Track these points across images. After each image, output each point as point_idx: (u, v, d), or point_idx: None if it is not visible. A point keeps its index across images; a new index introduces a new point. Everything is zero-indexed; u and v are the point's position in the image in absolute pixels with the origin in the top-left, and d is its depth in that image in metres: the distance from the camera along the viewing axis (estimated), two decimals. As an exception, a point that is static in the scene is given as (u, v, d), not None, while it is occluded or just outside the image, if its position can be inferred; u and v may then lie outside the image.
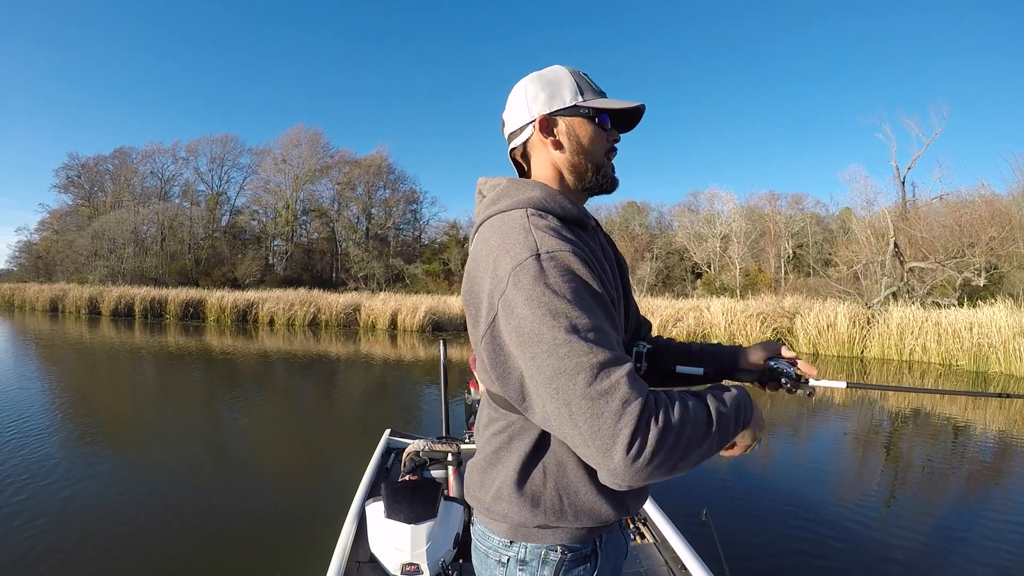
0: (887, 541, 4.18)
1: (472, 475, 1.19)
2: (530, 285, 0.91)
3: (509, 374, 0.96)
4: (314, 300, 25.47)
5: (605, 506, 1.06)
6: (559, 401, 0.86)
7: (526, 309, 0.90)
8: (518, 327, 0.91)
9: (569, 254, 0.96)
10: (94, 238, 41.66)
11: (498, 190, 1.13)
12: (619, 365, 0.86)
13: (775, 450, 6.92)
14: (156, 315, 26.52)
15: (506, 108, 1.22)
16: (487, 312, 0.98)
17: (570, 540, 1.08)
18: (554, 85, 1.15)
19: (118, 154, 49.17)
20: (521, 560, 1.09)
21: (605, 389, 0.83)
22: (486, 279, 0.99)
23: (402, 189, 50.01)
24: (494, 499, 1.10)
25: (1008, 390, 10.79)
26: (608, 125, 1.16)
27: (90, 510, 4.45)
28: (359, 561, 2.68)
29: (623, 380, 0.84)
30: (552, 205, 1.07)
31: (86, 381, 11.20)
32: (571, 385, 0.85)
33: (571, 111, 1.13)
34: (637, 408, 0.82)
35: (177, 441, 6.71)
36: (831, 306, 16.96)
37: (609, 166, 1.18)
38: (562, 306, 0.89)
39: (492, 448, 1.12)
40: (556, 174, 1.17)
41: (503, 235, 1.01)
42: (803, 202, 42.97)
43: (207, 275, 41.62)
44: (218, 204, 49.08)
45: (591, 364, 0.85)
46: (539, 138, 1.16)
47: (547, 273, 0.92)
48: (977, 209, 22.99)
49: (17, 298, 32.06)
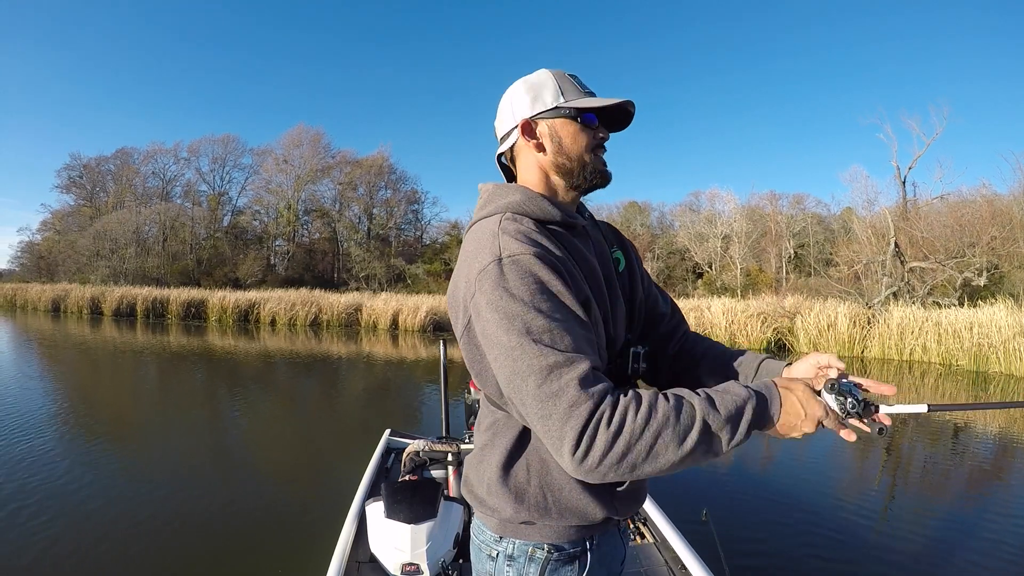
0: (887, 540, 4.19)
1: (468, 469, 1.21)
2: (491, 289, 0.94)
3: (485, 371, 1.03)
4: (315, 300, 25.52)
5: (591, 504, 1.07)
6: (518, 401, 0.91)
7: (487, 312, 0.94)
8: (483, 329, 0.96)
9: (530, 257, 0.97)
10: (96, 238, 41.74)
11: (485, 196, 1.16)
12: (570, 366, 0.87)
13: (775, 450, 6.92)
14: (158, 315, 26.57)
15: (496, 116, 1.24)
16: (463, 314, 1.02)
17: (557, 539, 1.09)
18: (536, 89, 1.16)
19: (120, 154, 49.33)
20: (509, 555, 1.10)
21: (554, 391, 0.86)
22: (462, 284, 1.03)
23: (403, 189, 50.14)
24: (486, 493, 1.12)
25: (1008, 389, 10.86)
26: (595, 123, 1.16)
27: (90, 509, 4.45)
28: (359, 561, 2.68)
29: (572, 382, 0.86)
30: (531, 208, 1.08)
31: (88, 381, 11.22)
32: (524, 386, 0.89)
33: (552, 113, 1.14)
34: (585, 411, 0.84)
35: (177, 441, 6.73)
36: (831, 306, 16.99)
37: (598, 161, 1.18)
38: (516, 308, 0.91)
39: (481, 443, 1.16)
40: (543, 175, 1.18)
41: (477, 241, 1.04)
42: (804, 202, 43.02)
43: (209, 275, 41.68)
44: (220, 204, 49.16)
45: (540, 367, 0.87)
46: (523, 142, 1.17)
47: (506, 277, 0.94)
48: (978, 209, 22.95)
49: (20, 298, 32.17)
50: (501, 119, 1.22)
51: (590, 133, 1.16)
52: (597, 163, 1.18)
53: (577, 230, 1.15)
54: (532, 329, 0.90)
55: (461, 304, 1.03)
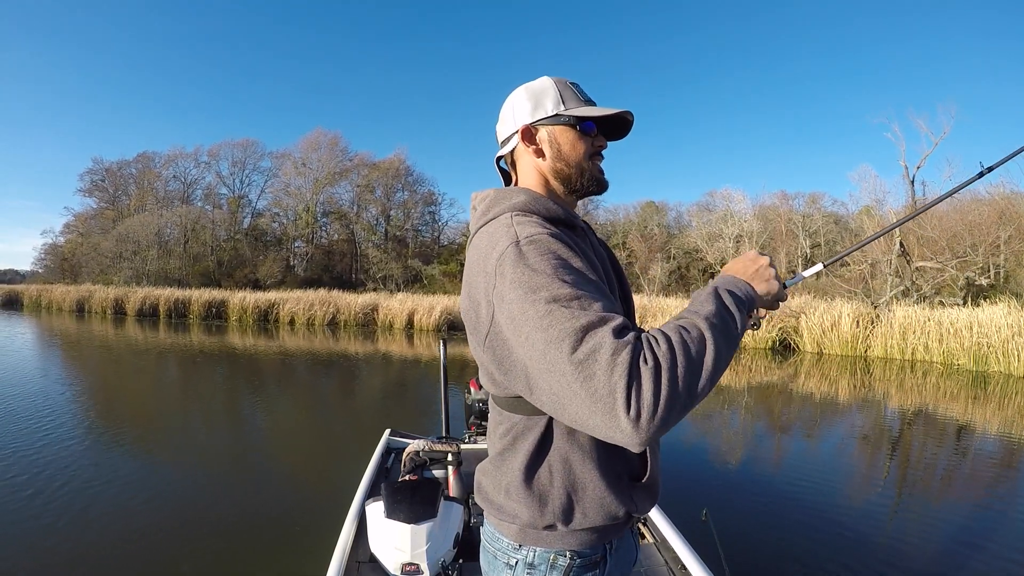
0: (888, 540, 4.14)
1: (482, 477, 1.20)
2: (511, 270, 0.93)
3: (513, 366, 0.95)
4: (333, 300, 25.84)
5: (614, 502, 1.07)
6: (555, 374, 0.84)
7: (511, 293, 0.92)
8: (509, 313, 0.92)
9: (548, 236, 0.98)
10: (119, 240, 42.50)
11: (487, 202, 1.16)
12: (603, 324, 0.84)
13: (775, 449, 6.89)
14: (180, 315, 27.05)
15: (498, 120, 1.27)
16: (486, 310, 0.99)
17: (580, 545, 1.08)
18: (538, 96, 1.18)
19: (141, 158, 50.22)
20: (530, 564, 1.09)
21: (592, 349, 0.81)
22: (480, 281, 1.01)
23: (420, 191, 50.31)
24: (504, 499, 1.11)
25: (1008, 389, 10.82)
26: (593, 131, 1.18)
27: (90, 508, 4.47)
28: (359, 561, 2.68)
29: (607, 335, 0.82)
30: (536, 207, 1.09)
31: (111, 378, 11.43)
32: (559, 354, 0.83)
33: (552, 120, 1.17)
34: (627, 356, 0.79)
35: (178, 441, 6.77)
36: (836, 306, 16.98)
37: (595, 169, 1.21)
38: (541, 281, 0.90)
39: (498, 450, 1.14)
40: (542, 180, 1.20)
41: (490, 238, 1.03)
42: (820, 201, 42.42)
43: (229, 276, 42.24)
44: (240, 207, 49.78)
45: (574, 329, 0.83)
46: (523, 147, 1.20)
47: (526, 255, 0.94)
48: (988, 207, 22.70)
49: (44, 299, 32.86)
50: (503, 123, 1.24)
51: (588, 141, 1.18)
52: (595, 170, 1.21)
53: (578, 230, 1.17)
54: (560, 296, 0.87)
55: (483, 300, 0.99)
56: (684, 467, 5.90)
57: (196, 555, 3.75)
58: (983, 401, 9.68)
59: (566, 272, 0.92)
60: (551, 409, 0.89)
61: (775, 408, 9.40)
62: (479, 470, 1.22)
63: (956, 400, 9.73)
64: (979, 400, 9.80)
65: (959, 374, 12.51)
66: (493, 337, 0.98)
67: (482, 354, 1.04)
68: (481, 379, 1.13)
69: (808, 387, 11.26)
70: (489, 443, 1.20)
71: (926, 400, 9.78)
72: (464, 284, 1.10)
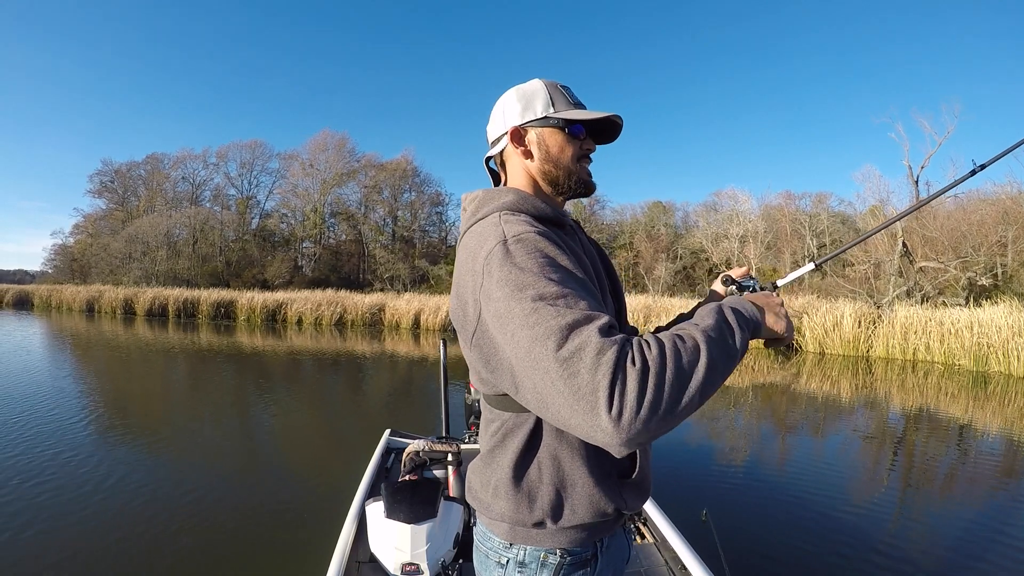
0: (889, 540, 4.12)
1: (472, 476, 1.20)
2: (498, 268, 0.94)
3: (500, 364, 0.94)
4: (340, 300, 25.97)
5: (603, 498, 1.06)
6: (539, 371, 0.83)
7: (498, 291, 0.92)
8: (495, 311, 0.92)
9: (535, 235, 0.99)
10: (128, 241, 42.81)
11: (476, 202, 1.17)
12: (589, 322, 0.84)
13: (775, 449, 6.87)
14: (189, 315, 27.25)
15: (489, 121, 1.28)
16: (473, 308, 0.99)
17: (570, 543, 1.08)
18: (528, 98, 1.20)
19: (150, 160, 50.51)
20: (520, 562, 1.10)
21: (577, 347, 0.81)
22: (468, 279, 1.01)
23: (427, 192, 50.46)
24: (492, 498, 1.11)
25: (1007, 389, 10.77)
26: (582, 134, 1.20)
27: (90, 508, 4.48)
28: (359, 561, 2.68)
29: (593, 333, 0.82)
30: (525, 206, 1.10)
31: (120, 377, 11.48)
32: (544, 351, 0.83)
33: (541, 122, 1.18)
34: (612, 355, 0.79)
35: (182, 440, 6.78)
36: (839, 306, 16.95)
37: (583, 171, 1.22)
38: (527, 279, 0.90)
39: (488, 448, 1.15)
40: (530, 180, 1.22)
41: (479, 238, 1.04)
42: (827, 201, 42.17)
43: (238, 276, 42.47)
44: (248, 208, 50.08)
45: (559, 326, 0.83)
46: (512, 148, 1.21)
47: (513, 253, 0.95)
48: (992, 207, 22.54)
49: (55, 299, 33.11)
50: (493, 124, 1.26)
51: (576, 144, 1.20)
52: (582, 173, 1.22)
53: (567, 229, 1.18)
54: (546, 295, 0.87)
55: (471, 299, 0.99)
56: (684, 467, 5.89)
57: (196, 554, 3.76)
58: (983, 401, 9.64)
59: (553, 270, 0.93)
60: (535, 407, 0.89)
61: (776, 408, 9.37)
62: (470, 469, 1.22)
63: (957, 400, 9.70)
64: (979, 400, 9.77)
65: (960, 374, 12.46)
66: (480, 335, 0.98)
67: (470, 352, 1.05)
68: (471, 378, 1.14)
69: (810, 387, 11.23)
70: (481, 441, 1.20)
71: (927, 400, 9.75)
72: (453, 284, 1.10)
